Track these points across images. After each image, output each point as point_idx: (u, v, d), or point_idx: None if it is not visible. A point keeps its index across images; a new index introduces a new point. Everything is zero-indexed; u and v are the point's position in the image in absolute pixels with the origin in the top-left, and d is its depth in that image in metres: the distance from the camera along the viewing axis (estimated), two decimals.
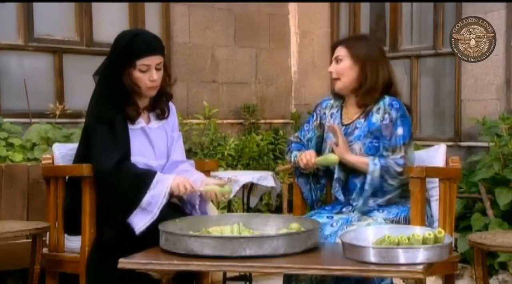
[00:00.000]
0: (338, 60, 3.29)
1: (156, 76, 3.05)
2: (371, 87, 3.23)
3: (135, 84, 3.05)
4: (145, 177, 2.98)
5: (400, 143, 3.17)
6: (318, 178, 3.40)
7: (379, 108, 3.22)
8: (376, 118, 3.22)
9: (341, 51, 3.29)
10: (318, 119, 3.43)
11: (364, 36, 3.67)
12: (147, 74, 3.04)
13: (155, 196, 2.94)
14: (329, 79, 6.43)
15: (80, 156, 3.17)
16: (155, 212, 2.94)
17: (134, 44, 3.04)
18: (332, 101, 3.42)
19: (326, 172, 3.36)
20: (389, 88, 3.28)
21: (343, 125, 3.31)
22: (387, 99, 3.23)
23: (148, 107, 3.20)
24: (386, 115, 3.19)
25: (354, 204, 3.18)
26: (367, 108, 3.26)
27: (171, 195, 3.03)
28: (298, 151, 3.35)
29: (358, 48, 3.27)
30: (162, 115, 3.23)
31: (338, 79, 3.29)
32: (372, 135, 3.21)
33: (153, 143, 3.18)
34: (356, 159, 3.17)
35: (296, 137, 3.46)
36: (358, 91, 3.27)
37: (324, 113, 3.41)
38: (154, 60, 3.05)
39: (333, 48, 3.39)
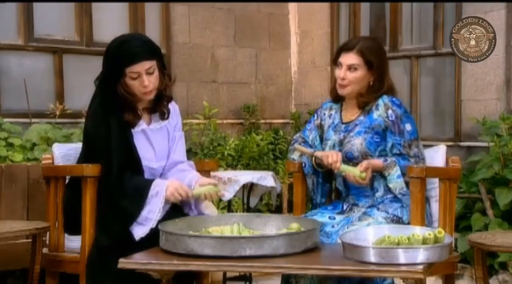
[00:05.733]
0: (351, 68, 3.25)
1: (147, 81, 3.02)
2: (380, 91, 3.27)
3: (128, 93, 3.05)
4: (142, 191, 2.98)
5: (412, 137, 3.24)
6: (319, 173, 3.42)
7: (378, 105, 3.26)
8: (377, 114, 3.25)
9: (355, 59, 3.25)
10: (319, 119, 3.46)
11: (373, 40, 3.54)
12: (138, 81, 3.02)
13: (151, 212, 2.96)
14: (329, 79, 6.51)
15: (84, 156, 3.19)
16: (151, 225, 2.94)
17: (120, 53, 3.01)
18: (331, 104, 3.46)
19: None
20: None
21: (343, 123, 3.34)
22: (385, 96, 3.27)
23: (148, 109, 3.20)
24: (390, 111, 3.23)
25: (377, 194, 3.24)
26: (366, 106, 3.29)
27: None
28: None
29: (371, 55, 3.25)
30: (162, 116, 3.23)
31: (348, 85, 3.27)
32: (373, 131, 3.24)
33: (154, 144, 3.18)
34: (380, 164, 3.19)
35: (300, 137, 3.47)
36: (363, 93, 3.29)
37: (324, 114, 3.45)
38: (143, 66, 3.01)
39: (340, 52, 3.32)
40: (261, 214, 3.73)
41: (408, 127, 3.23)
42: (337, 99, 3.42)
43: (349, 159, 3.23)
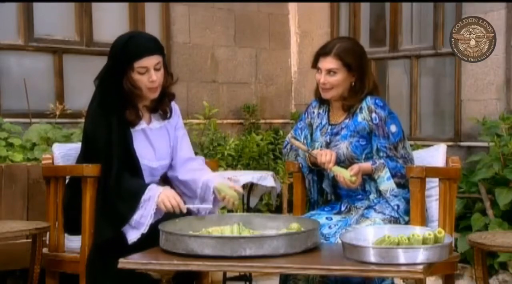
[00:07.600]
0: (331, 72, 3.23)
1: (155, 76, 3.03)
2: (362, 92, 3.26)
3: (135, 87, 3.04)
4: (135, 195, 2.98)
5: (397, 139, 3.21)
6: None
7: (361, 108, 3.25)
8: (361, 117, 3.24)
9: (333, 64, 3.23)
10: (309, 117, 3.46)
11: (350, 40, 3.50)
12: (146, 76, 3.03)
13: (143, 217, 2.95)
14: None
15: (83, 156, 3.19)
16: (143, 230, 2.94)
17: (130, 47, 3.02)
18: (320, 102, 3.44)
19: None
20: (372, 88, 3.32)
21: (330, 124, 3.34)
22: (369, 98, 3.25)
23: (149, 108, 3.20)
24: (374, 114, 3.21)
25: (371, 196, 3.24)
26: (351, 108, 3.28)
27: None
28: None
29: (349, 57, 3.23)
30: (164, 116, 3.23)
31: (331, 89, 3.27)
32: (358, 134, 3.23)
33: (154, 144, 3.18)
34: (369, 168, 3.19)
35: (292, 137, 3.45)
36: (346, 96, 3.28)
37: (313, 112, 3.45)
38: (151, 61, 3.03)
39: (318, 56, 3.29)
40: (261, 214, 3.74)
41: (393, 128, 3.22)
42: (322, 101, 3.41)
43: (336, 163, 3.21)
